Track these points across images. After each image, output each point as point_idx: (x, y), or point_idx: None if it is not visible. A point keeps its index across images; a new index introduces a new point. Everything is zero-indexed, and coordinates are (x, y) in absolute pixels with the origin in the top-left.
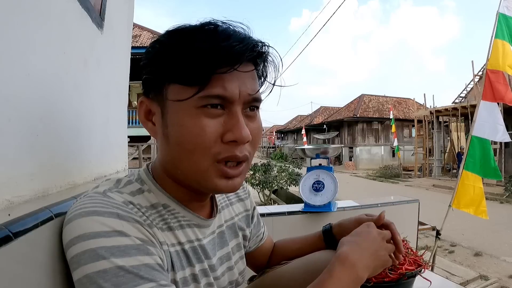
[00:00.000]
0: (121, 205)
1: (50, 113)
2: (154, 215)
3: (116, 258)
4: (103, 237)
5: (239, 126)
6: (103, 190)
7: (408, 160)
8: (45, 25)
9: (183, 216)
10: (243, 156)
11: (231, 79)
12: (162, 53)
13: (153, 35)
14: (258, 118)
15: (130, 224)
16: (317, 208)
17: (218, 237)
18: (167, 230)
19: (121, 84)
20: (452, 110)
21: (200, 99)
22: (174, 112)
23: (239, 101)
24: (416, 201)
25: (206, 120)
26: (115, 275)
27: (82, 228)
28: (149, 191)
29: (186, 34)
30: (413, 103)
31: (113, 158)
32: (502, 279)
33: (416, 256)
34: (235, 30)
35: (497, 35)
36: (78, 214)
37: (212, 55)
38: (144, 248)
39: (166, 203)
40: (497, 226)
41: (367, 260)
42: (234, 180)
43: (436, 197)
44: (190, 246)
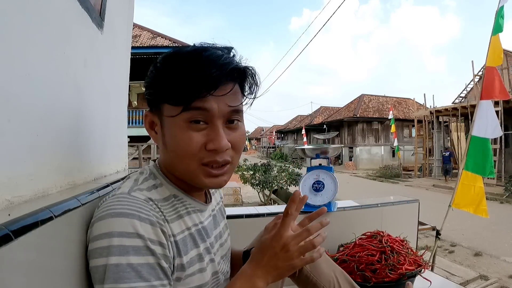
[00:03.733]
0: (143, 204)
1: (50, 113)
2: (167, 206)
3: (129, 256)
4: (125, 237)
5: (218, 137)
6: (127, 190)
7: (408, 160)
8: (45, 25)
9: (190, 203)
10: (223, 160)
11: (212, 100)
12: (156, 78)
13: (153, 35)
14: (240, 128)
15: (148, 225)
16: (317, 208)
17: (213, 219)
18: (177, 218)
19: (121, 84)
20: (452, 110)
21: (185, 113)
22: (169, 125)
23: (219, 115)
24: (416, 201)
25: (192, 133)
26: (123, 270)
27: (110, 227)
28: (161, 185)
29: (174, 62)
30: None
31: (113, 158)
32: (502, 279)
33: (416, 256)
34: (217, 54)
35: (495, 32)
36: (108, 214)
37: (191, 82)
38: (152, 249)
39: (176, 194)
40: (497, 226)
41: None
42: (219, 178)
43: (436, 197)
44: (195, 229)
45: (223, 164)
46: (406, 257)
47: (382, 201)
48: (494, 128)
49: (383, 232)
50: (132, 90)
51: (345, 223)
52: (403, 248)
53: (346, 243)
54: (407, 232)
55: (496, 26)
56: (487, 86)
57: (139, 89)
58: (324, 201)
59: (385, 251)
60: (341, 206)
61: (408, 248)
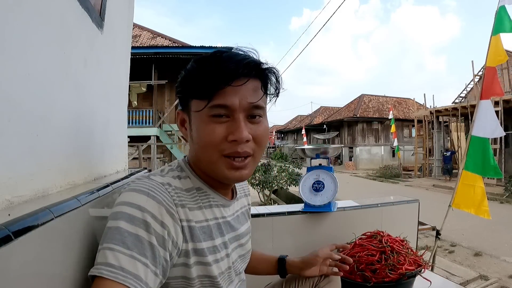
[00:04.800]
0: (157, 185)
1: (50, 113)
2: (186, 196)
3: (122, 221)
4: (127, 205)
5: (239, 129)
6: (148, 174)
7: (408, 160)
8: (45, 25)
9: (213, 197)
10: (243, 152)
11: (232, 93)
12: (185, 78)
13: (153, 35)
14: (262, 123)
15: (154, 202)
16: (317, 208)
17: (236, 218)
18: (196, 209)
19: (121, 84)
20: (452, 110)
21: (209, 109)
22: (195, 120)
23: (240, 109)
24: (416, 201)
25: (215, 126)
26: (111, 232)
27: (123, 198)
28: (185, 177)
29: (199, 62)
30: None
31: (113, 158)
32: (502, 279)
33: (416, 256)
34: (237, 54)
35: (495, 32)
36: (127, 189)
37: (212, 76)
38: (148, 225)
39: (200, 187)
40: (497, 226)
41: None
42: (241, 171)
43: (436, 197)
44: (215, 222)
45: (244, 157)
46: (406, 257)
47: (382, 201)
48: (494, 128)
49: (383, 232)
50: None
51: (345, 223)
52: (403, 248)
53: (346, 243)
54: (407, 232)
55: (496, 26)
56: (487, 86)
57: (139, 89)
58: (324, 201)
59: (385, 251)
60: (341, 206)
61: (408, 248)
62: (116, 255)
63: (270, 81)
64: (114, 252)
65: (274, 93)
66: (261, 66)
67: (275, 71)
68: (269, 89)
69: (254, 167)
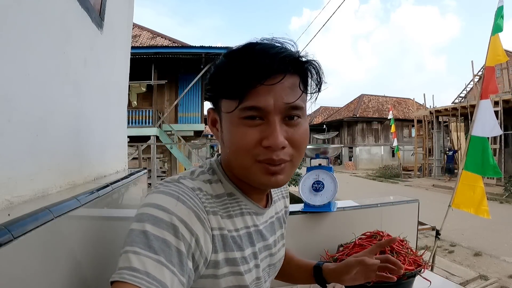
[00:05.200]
0: (188, 190)
1: (50, 113)
2: (217, 203)
3: (148, 224)
4: (154, 207)
5: (274, 134)
6: (178, 177)
7: (408, 160)
8: (45, 25)
9: (245, 204)
10: (279, 160)
11: (266, 92)
12: (215, 74)
13: (152, 35)
14: (301, 125)
15: (184, 206)
16: (317, 208)
17: (270, 226)
18: (226, 217)
19: (120, 84)
20: (452, 110)
21: (241, 111)
22: (226, 121)
23: (275, 111)
24: (415, 201)
25: (247, 129)
26: (136, 235)
27: (148, 199)
28: (217, 181)
29: (230, 56)
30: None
31: (113, 158)
32: (502, 279)
33: (415, 256)
34: (271, 46)
35: (495, 32)
36: (154, 191)
37: (243, 73)
38: (176, 229)
39: (232, 192)
40: (497, 226)
41: None
42: (277, 177)
43: (436, 197)
44: (246, 231)
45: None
46: (406, 257)
47: (382, 201)
48: (492, 127)
49: (383, 232)
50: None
51: (344, 223)
52: (402, 248)
53: (346, 243)
54: (406, 232)
55: (496, 26)
56: (487, 86)
57: (139, 89)
58: (324, 201)
59: (384, 251)
60: (340, 206)
61: (407, 248)
62: (141, 259)
63: (311, 76)
64: (140, 256)
65: (316, 88)
66: (300, 60)
67: (317, 63)
68: (309, 85)
69: (292, 172)
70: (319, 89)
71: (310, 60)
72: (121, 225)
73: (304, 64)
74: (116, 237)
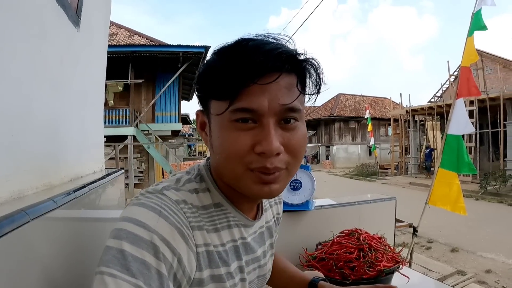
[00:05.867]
0: (171, 204)
1: (26, 112)
2: (203, 215)
3: (126, 242)
4: (132, 223)
5: (267, 139)
6: (161, 187)
7: (385, 159)
8: (21, 21)
9: (233, 216)
10: (273, 168)
11: (259, 92)
12: (205, 73)
13: (130, 33)
14: (298, 129)
15: (166, 223)
16: (295, 207)
17: (259, 236)
18: (212, 231)
19: (97, 83)
20: (428, 109)
21: (232, 113)
22: (215, 124)
23: (270, 113)
24: (393, 198)
25: (238, 133)
26: (113, 254)
27: (127, 212)
28: (204, 191)
29: (221, 53)
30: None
31: (90, 158)
32: (479, 274)
33: (393, 253)
34: (265, 42)
35: (471, 33)
36: (134, 203)
37: (235, 71)
38: (157, 249)
39: (220, 203)
40: (473, 222)
41: None
42: (270, 186)
43: (413, 194)
44: (232, 245)
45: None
46: (384, 254)
47: (359, 199)
48: (465, 124)
49: (361, 230)
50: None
51: (322, 221)
52: (381, 245)
53: (324, 241)
54: (384, 229)
55: (472, 28)
56: (462, 85)
57: (115, 88)
58: (302, 200)
59: (363, 248)
60: (318, 204)
61: (386, 245)
62: (118, 282)
63: (310, 76)
64: (116, 280)
65: (315, 89)
66: (297, 57)
67: (316, 62)
68: (308, 86)
69: (288, 181)
70: (319, 90)
71: (308, 58)
72: (98, 227)
73: (302, 62)
74: (93, 239)
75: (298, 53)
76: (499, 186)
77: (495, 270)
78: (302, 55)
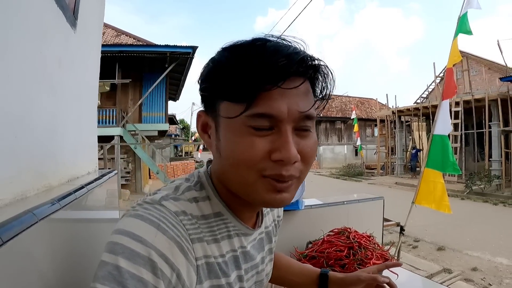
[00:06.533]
0: (170, 216)
1: (28, 114)
2: (203, 226)
3: (122, 258)
4: (130, 238)
5: (287, 146)
6: (159, 197)
7: (371, 159)
8: (23, 24)
9: (234, 226)
10: (288, 175)
11: (279, 97)
12: (214, 71)
13: (117, 33)
14: (311, 137)
15: (165, 237)
16: (286, 207)
17: (258, 243)
18: (212, 241)
19: (92, 84)
20: (414, 110)
21: (248, 118)
22: (225, 128)
23: (288, 119)
24: (380, 198)
25: (254, 138)
26: (109, 270)
27: (123, 225)
28: (204, 199)
29: (235, 52)
30: (375, 103)
31: (85, 159)
32: (465, 272)
33: (382, 251)
34: (284, 44)
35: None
36: (131, 214)
37: (255, 73)
38: (155, 266)
39: (220, 212)
40: (459, 221)
41: None
42: (282, 195)
43: (399, 194)
44: (232, 254)
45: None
46: (373, 252)
47: (348, 199)
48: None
49: (350, 229)
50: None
51: (312, 221)
52: (370, 244)
53: (314, 239)
54: (373, 228)
55: (458, 30)
56: (448, 87)
57: (102, 88)
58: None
59: (353, 246)
60: (308, 204)
61: (375, 243)
62: None
63: (324, 82)
64: None
65: (326, 97)
66: (319, 64)
67: (330, 69)
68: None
69: (297, 189)
70: (329, 97)
71: (327, 66)
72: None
73: (319, 68)
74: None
75: (319, 59)
76: (484, 186)
77: (481, 268)
78: (320, 60)
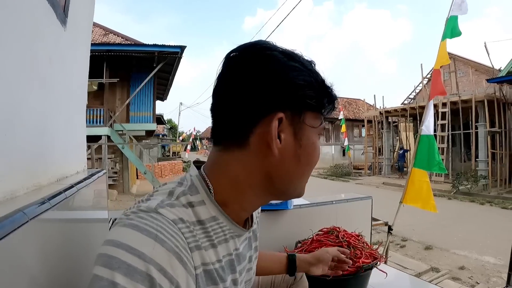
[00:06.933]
0: (168, 226)
1: (18, 111)
2: (200, 232)
3: (119, 274)
4: (125, 251)
5: None
6: (155, 205)
7: (358, 159)
8: (14, 20)
9: (229, 228)
10: None
11: None
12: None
13: (105, 31)
14: None
15: (163, 249)
16: (275, 206)
17: (248, 242)
18: (210, 247)
19: (81, 82)
20: (401, 110)
21: (320, 130)
22: (310, 135)
23: None
24: (369, 198)
25: None
26: (103, 286)
27: (116, 235)
28: (200, 203)
29: (310, 69)
30: (363, 104)
31: (74, 158)
32: (452, 271)
33: (371, 249)
34: None
35: (444, 38)
36: (125, 223)
37: (331, 95)
38: (153, 282)
39: (216, 216)
40: (446, 221)
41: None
42: None
43: (386, 194)
44: (228, 258)
45: None
46: (363, 250)
47: (337, 199)
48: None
49: (339, 228)
50: None
51: (301, 220)
52: (359, 243)
53: (303, 239)
54: (361, 227)
55: (447, 32)
56: (435, 88)
57: (90, 87)
58: None
59: (342, 245)
60: (297, 203)
61: (363, 242)
62: None
63: None
64: None
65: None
66: None
67: None
68: None
69: None
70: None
71: None
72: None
73: None
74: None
75: None
76: (471, 186)
77: (468, 266)
78: None
